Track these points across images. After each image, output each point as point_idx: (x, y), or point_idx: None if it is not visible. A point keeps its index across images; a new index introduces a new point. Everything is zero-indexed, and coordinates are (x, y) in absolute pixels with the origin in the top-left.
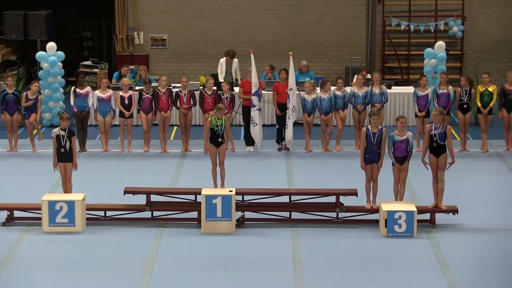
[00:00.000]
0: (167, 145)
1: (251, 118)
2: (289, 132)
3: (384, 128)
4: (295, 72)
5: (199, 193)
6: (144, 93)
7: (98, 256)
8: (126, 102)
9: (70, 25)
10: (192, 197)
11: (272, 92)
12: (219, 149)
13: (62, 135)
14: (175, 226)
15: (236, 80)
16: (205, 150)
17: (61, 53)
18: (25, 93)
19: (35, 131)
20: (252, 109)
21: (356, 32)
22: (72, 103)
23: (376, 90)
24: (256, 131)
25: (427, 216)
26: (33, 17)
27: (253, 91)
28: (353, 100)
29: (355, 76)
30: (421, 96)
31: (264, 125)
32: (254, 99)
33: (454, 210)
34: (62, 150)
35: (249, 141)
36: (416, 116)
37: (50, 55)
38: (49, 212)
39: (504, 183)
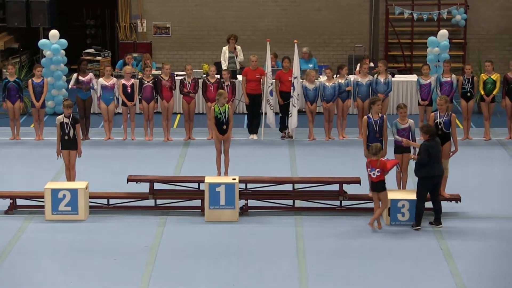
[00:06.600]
0: (170, 133)
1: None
2: (293, 120)
3: (384, 116)
4: (299, 59)
5: (203, 181)
6: (145, 82)
7: (101, 244)
8: (129, 90)
9: (73, 12)
10: (195, 185)
11: (274, 80)
12: (224, 137)
13: (66, 123)
14: (179, 214)
15: (240, 64)
16: (209, 137)
17: (64, 41)
18: (30, 80)
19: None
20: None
21: (359, 21)
22: (70, 85)
23: (382, 78)
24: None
25: (430, 204)
26: (36, 5)
27: (268, 83)
28: (356, 89)
29: (358, 64)
30: (424, 85)
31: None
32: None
33: (457, 198)
34: (66, 137)
35: (252, 129)
36: (419, 104)
37: (53, 43)
38: (52, 200)
39: (507, 171)
